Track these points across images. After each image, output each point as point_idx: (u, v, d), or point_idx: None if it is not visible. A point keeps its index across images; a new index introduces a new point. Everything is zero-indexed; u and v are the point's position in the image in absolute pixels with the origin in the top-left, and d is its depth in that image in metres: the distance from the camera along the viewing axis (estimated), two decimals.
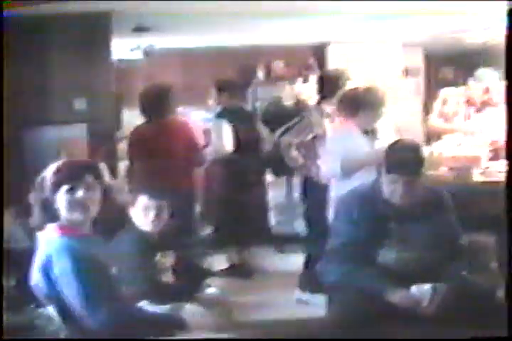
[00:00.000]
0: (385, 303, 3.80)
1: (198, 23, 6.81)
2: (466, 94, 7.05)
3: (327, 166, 5.21)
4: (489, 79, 6.92)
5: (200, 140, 6.22)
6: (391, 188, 3.96)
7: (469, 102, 7.05)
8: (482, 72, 6.97)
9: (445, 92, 7.21)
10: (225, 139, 6.35)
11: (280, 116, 6.79)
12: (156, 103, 5.93)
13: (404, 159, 3.99)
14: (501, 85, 6.95)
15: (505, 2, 3.48)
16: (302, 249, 6.25)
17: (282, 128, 5.98)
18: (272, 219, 7.39)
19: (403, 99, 8.85)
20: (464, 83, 7.21)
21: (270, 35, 7.87)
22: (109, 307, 3.12)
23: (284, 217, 7.54)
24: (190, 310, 3.81)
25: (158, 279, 4.08)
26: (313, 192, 5.79)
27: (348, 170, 5.01)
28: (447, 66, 9.31)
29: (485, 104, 6.99)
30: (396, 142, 4.20)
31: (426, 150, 5.31)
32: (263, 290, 6.11)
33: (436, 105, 7.14)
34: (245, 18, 6.56)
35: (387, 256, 3.99)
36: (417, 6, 6.11)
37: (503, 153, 6.64)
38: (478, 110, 7.03)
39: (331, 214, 5.17)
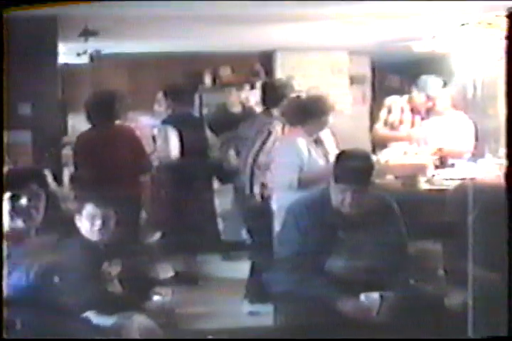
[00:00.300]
0: (334, 312, 3.79)
1: (145, 28, 6.76)
2: (411, 102, 7.09)
3: (283, 178, 5.18)
4: (432, 86, 6.97)
5: (147, 146, 6.17)
6: (340, 197, 3.95)
7: (414, 110, 7.10)
8: (424, 80, 7.02)
9: (390, 101, 7.24)
10: (172, 145, 6.31)
11: (227, 123, 6.77)
12: (102, 109, 5.87)
13: (352, 168, 3.99)
14: (445, 93, 7.02)
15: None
16: (248, 256, 6.23)
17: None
18: (219, 226, 7.35)
19: (349, 107, 8.90)
20: (409, 91, 7.26)
21: (218, 42, 7.84)
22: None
23: (230, 224, 7.50)
24: (136, 320, 3.77)
25: (104, 289, 4.01)
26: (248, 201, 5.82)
27: (305, 182, 5.00)
28: (393, 74, 9.37)
29: (429, 111, 7.04)
30: (344, 151, 4.21)
31: (372, 159, 5.34)
32: (210, 299, 6.07)
33: (382, 113, 7.18)
34: (193, 23, 6.52)
35: (336, 264, 3.98)
36: (364, 14, 6.14)
37: (448, 161, 6.71)
38: (424, 118, 7.08)
39: (275, 223, 5.19)
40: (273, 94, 5.93)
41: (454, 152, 6.87)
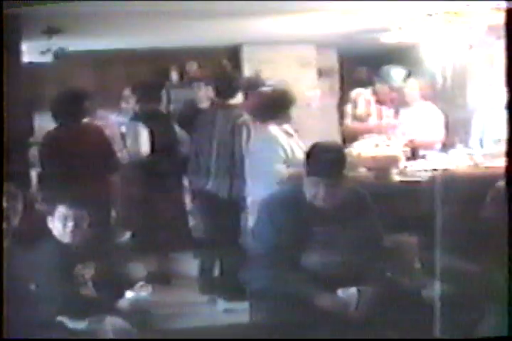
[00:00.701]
0: (311, 308, 3.76)
1: (110, 25, 6.69)
2: (375, 94, 7.08)
3: (266, 171, 5.17)
4: (394, 77, 6.96)
5: (116, 144, 6.11)
6: (313, 191, 3.92)
7: (380, 102, 7.08)
8: (386, 71, 7.00)
9: (355, 94, 7.22)
10: (141, 142, 6.25)
11: (195, 118, 6.70)
12: (68, 108, 5.81)
13: (324, 161, 3.97)
14: (412, 83, 7.01)
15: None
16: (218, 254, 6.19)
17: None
18: (190, 223, 7.29)
19: (318, 100, 8.87)
20: (372, 83, 7.24)
21: (183, 37, 7.78)
22: None
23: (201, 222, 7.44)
24: (110, 322, 3.72)
25: (77, 292, 3.94)
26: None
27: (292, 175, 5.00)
28: (361, 66, 9.34)
29: (397, 102, 7.04)
30: (316, 144, 4.17)
31: (345, 151, 5.34)
32: (184, 297, 6.02)
33: (348, 108, 7.16)
34: (158, 19, 6.45)
35: (312, 259, 3.95)
36: (330, 6, 6.11)
37: (420, 152, 6.72)
38: (390, 109, 7.08)
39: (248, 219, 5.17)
40: (227, 86, 5.99)
41: (424, 143, 6.88)
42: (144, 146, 6.24)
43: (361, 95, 7.14)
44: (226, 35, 7.78)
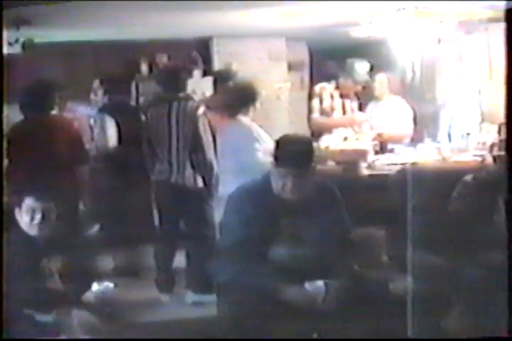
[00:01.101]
0: (279, 301, 3.76)
1: (78, 16, 6.63)
2: (339, 88, 7.08)
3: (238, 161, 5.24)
4: (357, 70, 6.96)
5: (85, 136, 6.07)
6: (280, 183, 3.91)
7: (343, 96, 7.08)
8: (350, 64, 7.01)
9: (319, 88, 7.20)
10: (109, 134, 6.23)
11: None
12: (36, 99, 5.77)
13: (292, 152, 3.96)
14: (380, 77, 7.03)
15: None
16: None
17: None
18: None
19: (289, 93, 8.88)
20: (336, 76, 7.22)
21: (153, 29, 7.75)
22: None
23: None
24: (77, 315, 3.70)
25: (44, 286, 3.91)
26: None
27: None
28: (331, 60, 9.35)
29: (364, 96, 7.06)
30: (284, 136, 4.17)
31: (313, 143, 5.36)
32: (151, 290, 6.00)
33: (315, 103, 7.14)
34: (128, 11, 6.42)
35: (279, 252, 3.94)
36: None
37: (388, 146, 6.75)
38: (354, 102, 7.09)
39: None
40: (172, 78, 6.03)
41: (393, 137, 6.90)
42: (112, 138, 6.21)
43: (325, 89, 7.13)
44: (196, 27, 7.76)
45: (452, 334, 4.04)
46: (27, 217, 3.94)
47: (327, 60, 9.32)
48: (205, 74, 8.79)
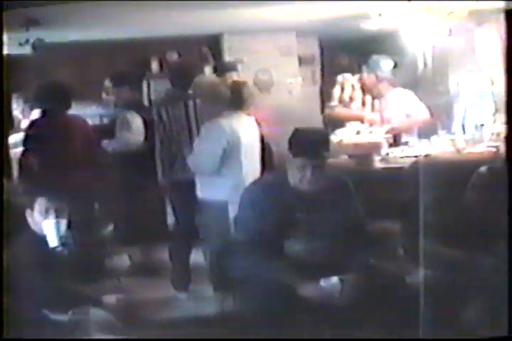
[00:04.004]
0: (294, 297, 3.76)
1: (88, 15, 6.64)
2: (361, 81, 7.08)
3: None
4: (382, 67, 6.95)
5: (96, 136, 6.09)
6: (299, 174, 3.92)
7: (364, 89, 7.08)
8: (376, 60, 7.00)
9: (342, 78, 7.21)
10: (136, 131, 6.20)
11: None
12: (52, 99, 5.80)
13: (308, 142, 3.98)
14: (395, 72, 7.01)
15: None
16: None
17: None
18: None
19: (301, 88, 8.86)
20: (359, 70, 7.24)
21: (163, 27, 7.75)
22: None
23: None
24: (95, 314, 3.70)
25: (60, 284, 3.91)
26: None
27: None
28: (342, 53, 9.33)
29: (380, 91, 7.03)
30: (297, 129, 4.17)
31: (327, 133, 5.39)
32: (167, 288, 6.01)
33: (336, 91, 7.14)
34: (138, 9, 6.42)
35: (295, 247, 3.95)
36: None
37: (402, 138, 6.73)
38: (374, 97, 7.07)
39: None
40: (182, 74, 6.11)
41: (406, 128, 6.87)
42: (139, 135, 6.20)
43: (348, 80, 7.14)
44: (207, 24, 7.75)
45: (469, 327, 4.01)
46: (40, 217, 3.93)
47: (338, 53, 9.31)
48: (215, 70, 8.78)
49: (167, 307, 5.67)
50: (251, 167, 5.47)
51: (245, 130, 5.44)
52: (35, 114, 6.96)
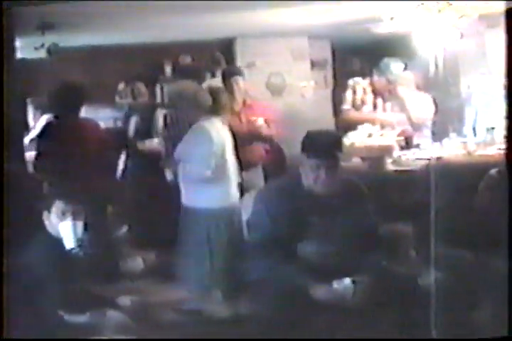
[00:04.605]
0: (307, 299, 3.78)
1: (102, 20, 6.68)
2: (372, 85, 7.10)
3: None
4: (393, 69, 6.98)
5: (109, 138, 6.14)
6: (313, 176, 3.94)
7: (375, 92, 7.10)
8: (386, 63, 7.02)
9: (353, 82, 7.24)
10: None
11: None
12: (65, 102, 5.83)
13: (322, 144, 4.01)
14: (406, 75, 7.03)
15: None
16: None
17: None
18: None
19: (313, 91, 8.88)
20: (371, 73, 7.27)
21: (176, 31, 7.78)
22: None
23: None
24: (110, 316, 3.73)
25: (76, 287, 3.93)
26: None
27: None
28: (354, 57, 9.35)
29: (391, 94, 7.05)
30: (310, 131, 4.20)
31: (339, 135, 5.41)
32: (181, 290, 6.02)
33: (348, 94, 7.17)
34: (151, 13, 6.45)
35: (308, 249, 3.97)
36: None
37: (413, 141, 6.74)
38: (386, 100, 7.10)
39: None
40: None
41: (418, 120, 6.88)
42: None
43: (359, 84, 7.17)
44: (219, 28, 7.78)
45: (480, 329, 4.03)
46: (57, 219, 3.96)
47: (350, 57, 9.32)
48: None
49: (180, 309, 5.68)
50: (232, 172, 5.55)
51: (225, 135, 5.51)
52: (45, 118, 7.03)
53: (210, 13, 6.68)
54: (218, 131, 5.43)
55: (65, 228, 3.88)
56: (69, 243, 3.89)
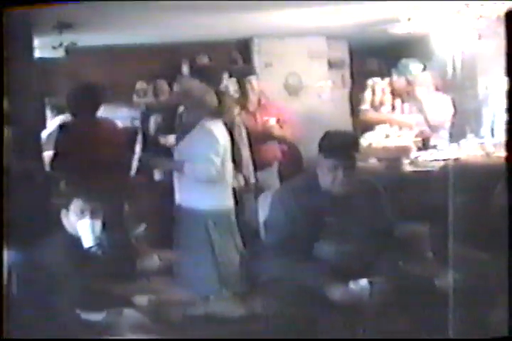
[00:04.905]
0: (323, 299, 3.78)
1: (120, 19, 6.70)
2: (391, 85, 7.09)
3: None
4: (412, 70, 6.97)
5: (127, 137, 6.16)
6: (330, 176, 3.94)
7: (394, 93, 7.09)
8: (405, 64, 7.01)
9: (372, 82, 7.23)
10: None
11: None
12: (83, 101, 5.85)
13: (339, 144, 4.01)
14: (424, 76, 7.02)
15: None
16: None
17: None
18: None
19: (330, 92, 8.87)
20: (389, 74, 7.26)
21: (193, 31, 7.79)
22: None
23: None
24: (126, 315, 3.74)
25: (92, 286, 3.94)
26: None
27: None
28: (372, 57, 9.34)
29: (409, 95, 7.04)
30: (328, 132, 4.19)
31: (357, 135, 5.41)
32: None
33: (367, 94, 7.16)
34: (168, 13, 6.47)
35: (324, 249, 3.97)
36: None
37: (431, 142, 6.73)
38: (404, 101, 7.09)
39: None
40: None
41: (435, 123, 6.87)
42: None
43: (378, 84, 7.16)
44: (237, 28, 7.79)
45: (497, 329, 4.02)
46: (75, 218, 3.96)
47: (367, 57, 9.30)
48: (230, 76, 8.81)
49: (194, 307, 5.68)
50: (229, 174, 5.52)
51: (226, 137, 5.46)
52: (59, 118, 7.06)
53: (227, 13, 6.69)
54: (221, 132, 5.40)
55: (83, 226, 3.90)
56: (87, 241, 3.90)
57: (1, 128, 5.39)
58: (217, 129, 5.36)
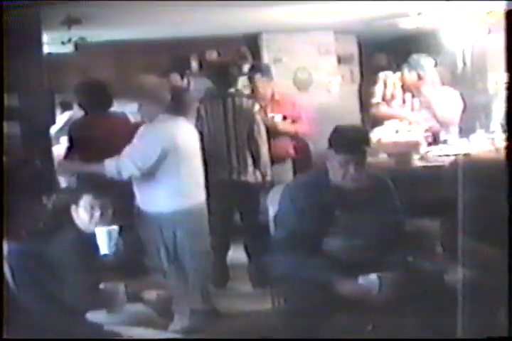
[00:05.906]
0: (332, 294, 3.77)
1: (129, 14, 6.71)
2: (402, 80, 7.07)
3: None
4: (423, 65, 6.94)
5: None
6: (341, 171, 3.93)
7: (404, 88, 7.07)
8: (416, 59, 6.99)
9: (384, 75, 7.21)
10: None
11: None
12: (96, 97, 5.86)
13: (350, 138, 4.00)
14: (432, 73, 7.00)
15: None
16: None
17: None
18: None
19: (338, 87, 8.87)
20: (399, 69, 7.23)
21: (202, 26, 7.80)
22: None
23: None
24: (134, 311, 3.75)
25: (100, 282, 3.91)
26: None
27: None
28: (381, 52, 9.32)
29: (419, 90, 7.02)
30: (338, 126, 4.18)
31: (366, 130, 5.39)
32: None
33: (378, 88, 7.13)
34: (177, 8, 6.47)
35: (334, 244, 3.96)
36: None
37: (441, 137, 6.71)
38: (414, 96, 7.07)
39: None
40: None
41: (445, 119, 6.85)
42: None
43: (389, 78, 7.14)
44: (245, 23, 7.79)
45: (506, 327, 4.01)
46: (85, 213, 3.91)
47: (376, 52, 9.29)
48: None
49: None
50: (191, 174, 5.19)
51: (184, 136, 5.17)
52: (67, 114, 7.05)
53: (236, 8, 6.69)
54: (178, 129, 5.11)
55: (100, 234, 3.84)
56: (103, 249, 3.85)
57: (0, 125, 5.41)
58: (170, 126, 5.08)
